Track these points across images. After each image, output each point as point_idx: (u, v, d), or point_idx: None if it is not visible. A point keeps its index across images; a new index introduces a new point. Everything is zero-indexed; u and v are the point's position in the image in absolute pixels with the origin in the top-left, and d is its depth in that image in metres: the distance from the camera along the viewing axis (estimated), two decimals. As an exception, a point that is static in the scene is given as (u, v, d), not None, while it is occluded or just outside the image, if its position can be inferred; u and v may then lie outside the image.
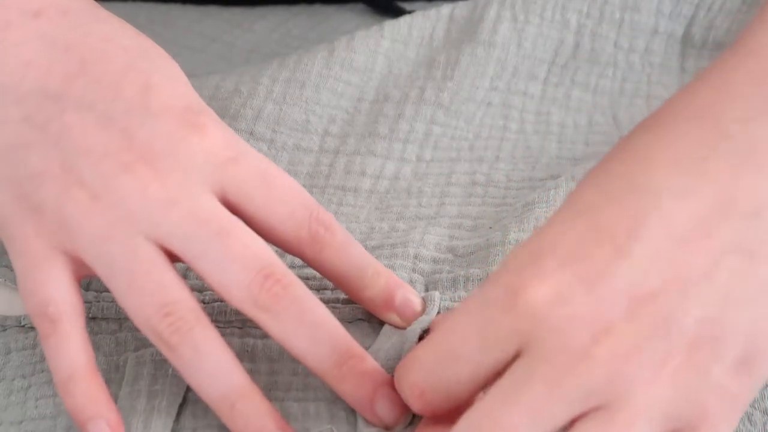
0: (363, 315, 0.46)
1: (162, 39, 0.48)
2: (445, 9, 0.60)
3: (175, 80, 0.42)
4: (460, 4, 0.60)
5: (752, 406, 0.42)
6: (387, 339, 0.44)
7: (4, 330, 0.48)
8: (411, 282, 0.47)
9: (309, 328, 0.40)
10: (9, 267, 0.50)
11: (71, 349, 0.41)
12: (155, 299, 0.39)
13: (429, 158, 0.54)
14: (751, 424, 0.41)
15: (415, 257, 0.48)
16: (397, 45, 0.58)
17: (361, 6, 0.67)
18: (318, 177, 0.54)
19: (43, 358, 0.46)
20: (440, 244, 0.49)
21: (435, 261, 0.48)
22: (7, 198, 0.41)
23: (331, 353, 0.40)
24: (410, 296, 0.44)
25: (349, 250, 0.43)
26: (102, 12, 0.44)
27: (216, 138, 0.41)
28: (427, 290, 0.47)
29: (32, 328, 0.48)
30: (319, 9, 0.67)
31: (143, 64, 0.42)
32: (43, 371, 0.46)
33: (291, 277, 0.40)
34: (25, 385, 0.45)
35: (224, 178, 0.41)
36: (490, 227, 0.50)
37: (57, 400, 0.44)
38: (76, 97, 0.40)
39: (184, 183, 0.40)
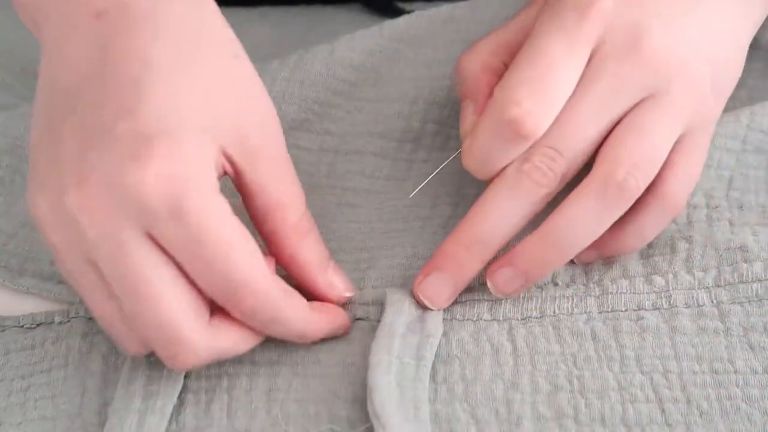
0: (362, 314, 0.46)
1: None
2: (445, 9, 0.60)
3: (169, 97, 0.40)
4: (461, 4, 0.60)
5: (752, 405, 0.42)
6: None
7: (3, 330, 0.48)
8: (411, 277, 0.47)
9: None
10: (8, 267, 0.50)
11: None
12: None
13: (424, 158, 0.54)
14: (750, 424, 0.41)
15: (413, 256, 0.48)
16: (396, 44, 0.58)
17: (360, 6, 0.66)
18: (318, 176, 0.54)
19: (42, 359, 0.46)
20: (438, 242, 0.49)
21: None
22: None
23: None
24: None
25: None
26: (160, 7, 0.42)
27: (156, 175, 0.39)
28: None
29: (31, 329, 0.48)
30: (318, 10, 0.67)
31: (147, 82, 0.40)
32: (42, 372, 0.46)
33: (189, 353, 0.40)
34: (24, 386, 0.45)
35: (153, 226, 0.39)
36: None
37: (56, 401, 0.44)
38: (79, 100, 0.41)
39: (111, 221, 0.39)
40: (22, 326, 0.48)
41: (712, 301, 0.46)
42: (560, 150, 0.44)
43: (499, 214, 0.45)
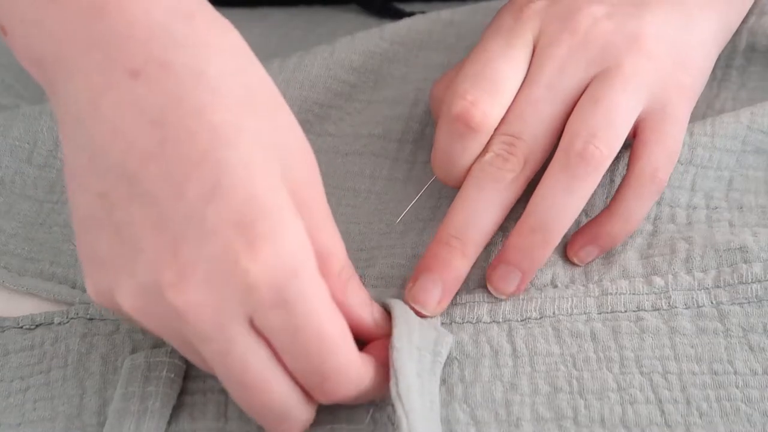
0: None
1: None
2: (445, 13, 0.60)
3: (252, 170, 0.38)
4: (460, 9, 0.60)
5: (751, 407, 0.42)
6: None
7: (3, 331, 0.47)
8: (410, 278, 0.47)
9: None
10: (7, 268, 0.50)
11: None
12: None
13: (425, 159, 0.54)
14: (750, 425, 0.41)
15: (414, 257, 0.48)
16: (397, 47, 0.58)
17: (360, 8, 0.66)
18: (318, 178, 0.54)
19: (41, 360, 0.46)
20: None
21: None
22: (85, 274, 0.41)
23: None
24: None
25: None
26: (210, 64, 0.39)
27: (265, 263, 0.37)
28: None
29: (31, 329, 0.47)
30: (318, 11, 0.67)
31: (222, 153, 0.38)
32: (41, 373, 0.46)
33: (295, 428, 0.41)
34: (23, 386, 0.45)
35: (255, 313, 0.38)
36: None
37: (55, 402, 0.44)
38: (147, 185, 0.38)
39: (218, 318, 0.38)
40: (22, 327, 0.48)
41: (712, 302, 0.46)
42: (517, 134, 0.46)
43: (471, 207, 0.46)
